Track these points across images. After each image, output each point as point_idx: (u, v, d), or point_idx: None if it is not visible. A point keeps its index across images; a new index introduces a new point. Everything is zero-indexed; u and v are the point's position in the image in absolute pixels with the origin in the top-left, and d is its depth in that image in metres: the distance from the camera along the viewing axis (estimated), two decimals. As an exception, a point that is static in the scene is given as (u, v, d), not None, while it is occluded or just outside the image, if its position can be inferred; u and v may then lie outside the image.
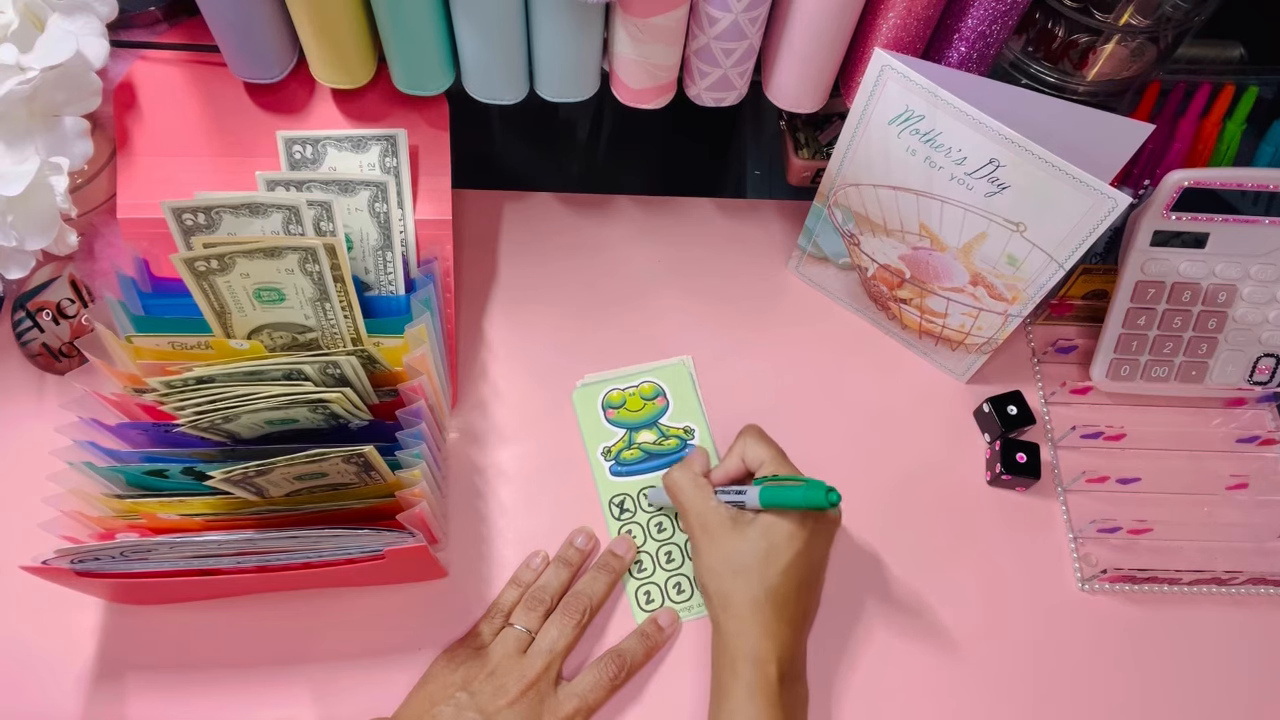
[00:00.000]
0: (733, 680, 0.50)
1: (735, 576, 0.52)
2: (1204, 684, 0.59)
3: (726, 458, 0.57)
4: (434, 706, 0.52)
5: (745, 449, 0.56)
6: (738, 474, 0.56)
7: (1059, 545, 0.63)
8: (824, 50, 0.56)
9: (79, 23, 0.52)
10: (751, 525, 0.52)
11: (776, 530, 0.52)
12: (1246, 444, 0.66)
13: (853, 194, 0.61)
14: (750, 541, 0.52)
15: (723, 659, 0.52)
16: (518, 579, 0.58)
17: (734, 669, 0.50)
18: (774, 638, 0.51)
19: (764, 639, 0.50)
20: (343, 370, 0.51)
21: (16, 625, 0.56)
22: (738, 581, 0.51)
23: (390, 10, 0.52)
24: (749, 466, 0.56)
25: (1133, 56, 0.61)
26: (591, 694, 0.54)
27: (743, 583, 0.51)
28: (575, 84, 0.59)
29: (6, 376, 0.62)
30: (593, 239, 0.71)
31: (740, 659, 0.50)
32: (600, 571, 0.58)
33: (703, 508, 0.54)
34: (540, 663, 0.54)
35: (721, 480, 0.56)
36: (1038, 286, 0.57)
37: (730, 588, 0.52)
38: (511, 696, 0.52)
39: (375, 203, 0.58)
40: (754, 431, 0.57)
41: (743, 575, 0.51)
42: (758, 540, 0.52)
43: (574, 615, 0.56)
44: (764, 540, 0.52)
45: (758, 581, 0.51)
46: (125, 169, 0.59)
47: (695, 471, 0.56)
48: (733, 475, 0.56)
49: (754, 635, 0.51)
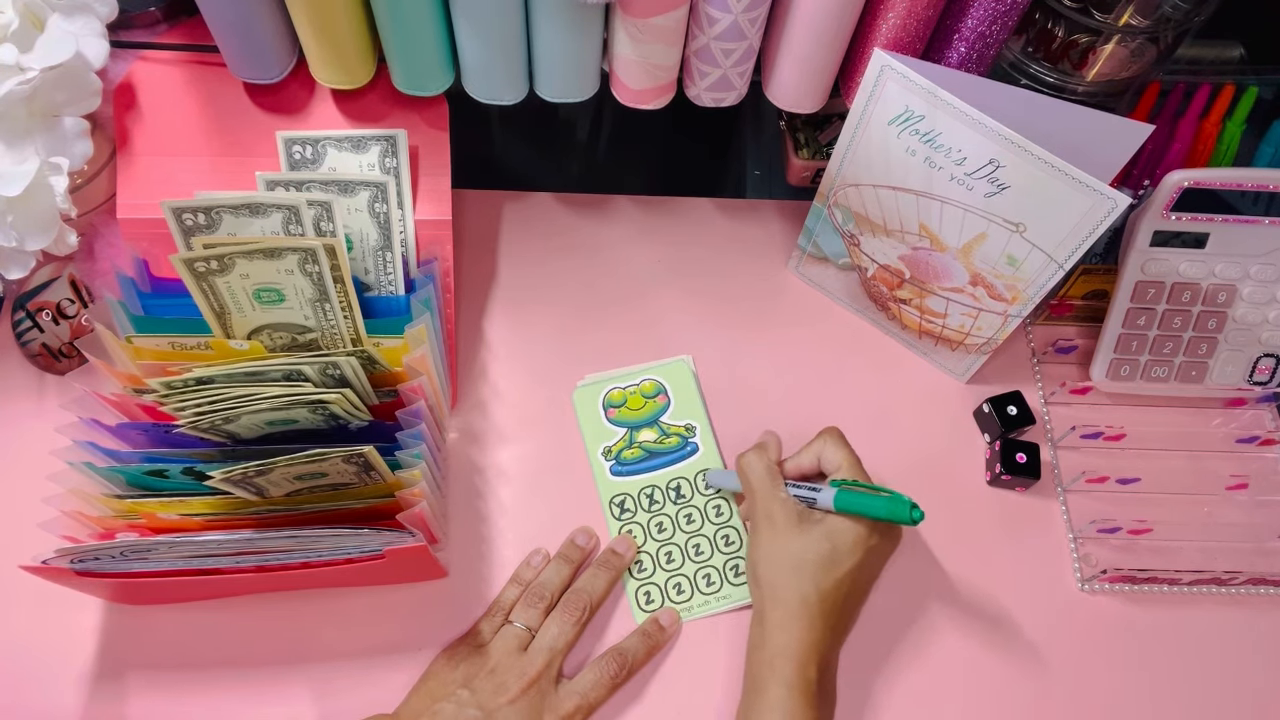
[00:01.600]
0: (770, 675, 0.50)
1: (791, 572, 0.51)
2: (1204, 684, 0.59)
3: (802, 453, 0.57)
4: (435, 704, 0.52)
5: (824, 449, 0.56)
6: (810, 471, 0.56)
7: (1059, 545, 0.63)
8: (824, 50, 0.56)
9: (79, 23, 0.52)
10: (818, 525, 0.52)
11: (842, 536, 0.51)
12: (1246, 444, 0.66)
13: (853, 194, 0.61)
14: (814, 541, 0.52)
15: (761, 653, 0.51)
16: (518, 577, 0.58)
17: (773, 665, 0.50)
18: (818, 640, 0.50)
19: (808, 639, 0.50)
20: (342, 371, 0.51)
21: (16, 625, 0.56)
22: (793, 577, 0.51)
23: (390, 10, 0.52)
24: (824, 468, 0.56)
25: (1133, 57, 0.61)
26: (592, 692, 0.54)
27: (797, 580, 0.51)
28: (575, 84, 0.59)
29: (6, 376, 0.62)
30: (593, 239, 0.71)
31: (780, 656, 0.50)
32: (601, 569, 0.58)
33: (771, 496, 0.54)
34: (541, 660, 0.54)
35: (794, 474, 0.56)
36: (1038, 287, 0.57)
37: (784, 581, 0.51)
38: (512, 694, 0.52)
39: (375, 203, 0.58)
40: (835, 434, 0.56)
41: (799, 572, 0.51)
42: (821, 541, 0.51)
43: (574, 613, 0.56)
44: (828, 542, 0.51)
45: (811, 582, 0.51)
46: (125, 169, 0.59)
47: (770, 458, 0.56)
48: (805, 471, 0.56)
49: (798, 634, 0.50)
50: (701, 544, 0.60)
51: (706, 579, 0.59)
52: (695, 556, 0.60)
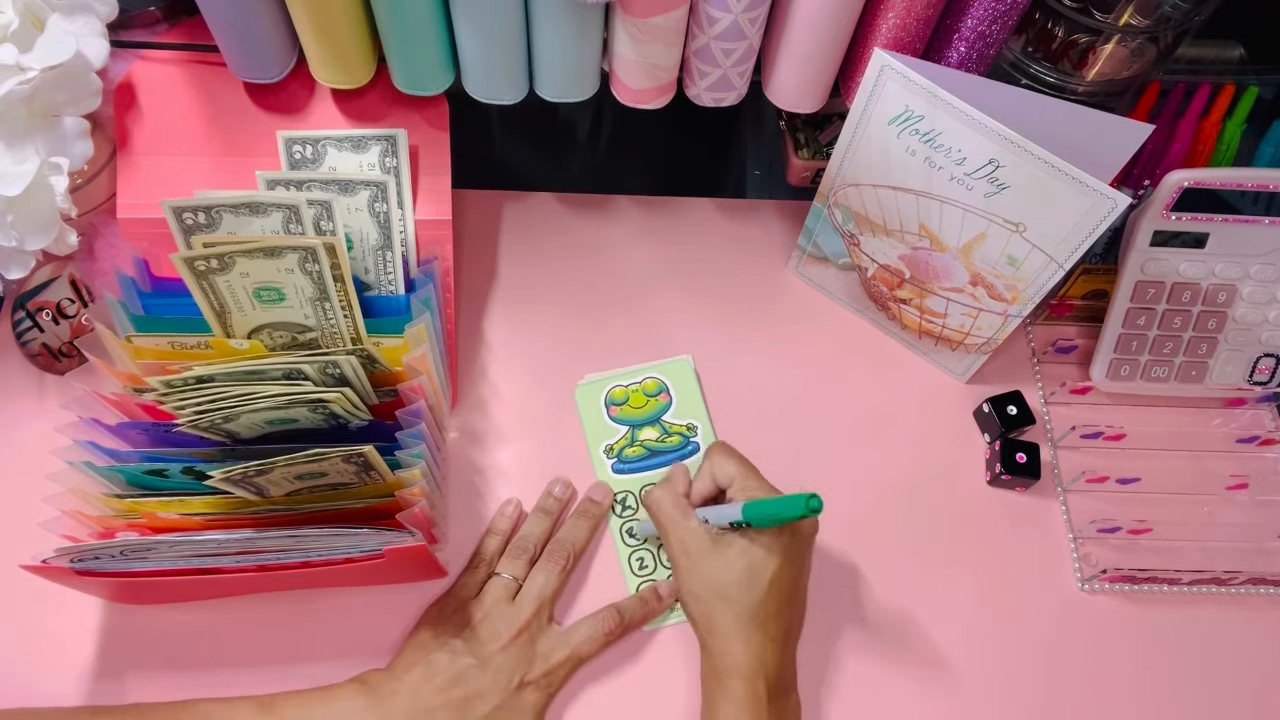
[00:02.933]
0: (723, 698, 0.50)
1: (718, 599, 0.51)
2: (1204, 684, 0.59)
3: (698, 479, 0.56)
4: (429, 655, 0.53)
5: (714, 466, 0.55)
6: (711, 494, 0.55)
7: (1059, 545, 0.63)
8: (824, 50, 0.56)
9: (79, 23, 0.52)
10: (730, 546, 0.52)
11: (753, 550, 0.51)
12: (1246, 444, 0.66)
13: (852, 194, 0.61)
14: (729, 562, 0.51)
15: (711, 678, 0.52)
16: (495, 528, 0.59)
17: (722, 686, 0.50)
18: (760, 654, 0.50)
19: (750, 656, 0.50)
20: (342, 370, 0.51)
21: (17, 625, 0.56)
22: (720, 603, 0.51)
23: (390, 10, 0.52)
24: (719, 483, 0.55)
25: (1133, 56, 0.61)
26: (584, 646, 0.55)
27: (725, 604, 0.51)
28: (575, 84, 0.59)
29: (6, 376, 0.62)
30: (593, 239, 0.71)
31: (728, 676, 0.50)
32: (580, 518, 0.59)
33: (682, 529, 0.53)
34: (530, 608, 0.55)
35: (699, 501, 0.55)
36: (1037, 287, 0.57)
37: (713, 610, 0.52)
38: (504, 640, 0.53)
39: (375, 202, 0.58)
40: (720, 448, 0.56)
41: (724, 597, 0.51)
42: (736, 560, 0.51)
43: (559, 561, 0.57)
44: (742, 559, 0.51)
45: (740, 602, 0.51)
46: (125, 169, 0.59)
47: (677, 491, 0.55)
48: (707, 495, 0.55)
49: (740, 653, 0.50)
50: (701, 544, 0.61)
51: (706, 579, 0.60)
52: (695, 556, 0.60)
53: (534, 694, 0.53)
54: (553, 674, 0.54)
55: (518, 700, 0.53)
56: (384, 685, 0.52)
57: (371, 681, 0.52)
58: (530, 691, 0.53)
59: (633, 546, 0.60)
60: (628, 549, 0.60)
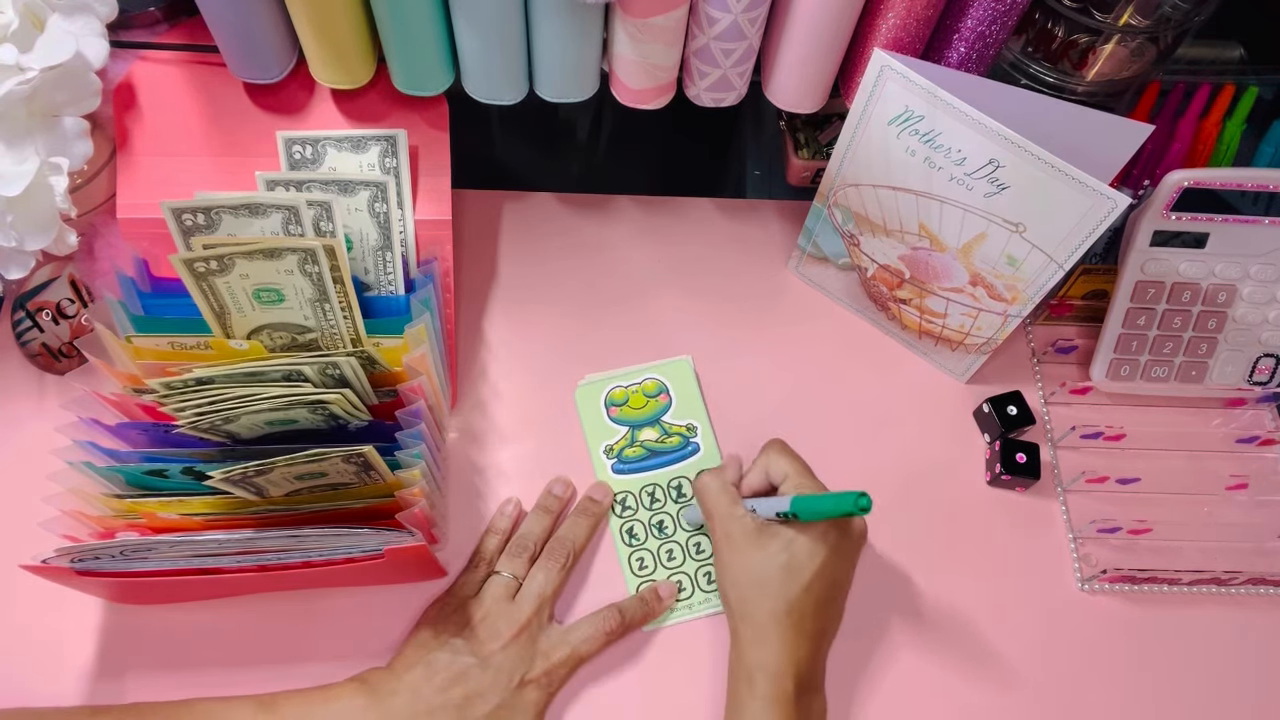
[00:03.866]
0: (749, 692, 0.50)
1: (755, 588, 0.51)
2: (1204, 684, 0.59)
3: (751, 472, 0.56)
4: (429, 654, 0.53)
5: (769, 462, 0.55)
6: (762, 488, 0.56)
7: (1059, 545, 0.63)
8: (824, 50, 0.56)
9: (79, 23, 0.52)
10: (775, 538, 0.51)
11: (799, 543, 0.51)
12: (1246, 444, 0.66)
13: (852, 194, 0.61)
14: (772, 554, 0.51)
15: (739, 670, 0.51)
16: (494, 527, 0.59)
17: (750, 681, 0.50)
18: (792, 652, 0.50)
19: (782, 653, 0.50)
20: (342, 371, 0.51)
21: (16, 625, 0.56)
22: (758, 593, 0.51)
23: (390, 10, 0.52)
24: (772, 480, 0.55)
25: (1132, 56, 0.61)
26: (584, 645, 0.55)
27: (763, 595, 0.51)
28: (575, 84, 0.59)
29: (6, 376, 0.62)
30: (593, 239, 0.71)
31: (757, 672, 0.50)
32: (580, 516, 0.59)
33: (727, 516, 0.53)
34: (530, 606, 0.55)
35: (748, 494, 0.56)
36: (1037, 287, 0.57)
37: (750, 599, 0.51)
38: (505, 639, 0.53)
39: (375, 203, 0.58)
40: (778, 445, 0.56)
41: (763, 588, 0.51)
42: (779, 553, 0.51)
43: (559, 559, 0.57)
44: (785, 553, 0.51)
45: (778, 595, 0.50)
46: (125, 169, 0.59)
47: (726, 479, 0.55)
48: (758, 489, 0.56)
49: (772, 648, 0.50)
50: (703, 542, 0.61)
51: (708, 577, 0.60)
52: (696, 555, 0.60)
53: (534, 692, 0.53)
54: (553, 673, 0.54)
55: (518, 699, 0.53)
56: (384, 684, 0.52)
57: (372, 680, 0.52)
58: (531, 690, 0.53)
59: (633, 547, 0.60)
60: (628, 549, 0.60)
